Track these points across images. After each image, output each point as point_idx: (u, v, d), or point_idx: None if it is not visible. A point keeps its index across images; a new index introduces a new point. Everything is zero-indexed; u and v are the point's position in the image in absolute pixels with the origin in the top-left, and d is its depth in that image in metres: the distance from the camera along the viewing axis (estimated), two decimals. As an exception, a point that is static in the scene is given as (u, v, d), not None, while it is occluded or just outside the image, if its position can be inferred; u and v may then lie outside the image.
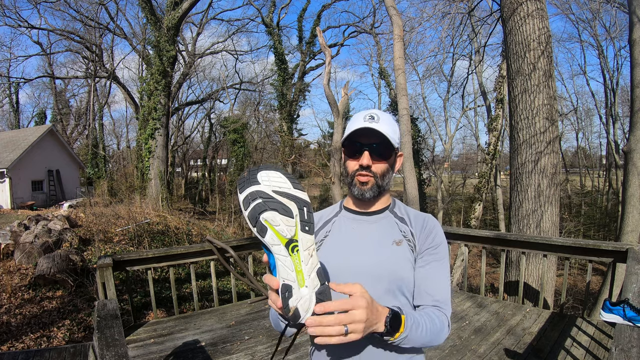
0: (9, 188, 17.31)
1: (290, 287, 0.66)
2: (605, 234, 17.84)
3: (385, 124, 0.99)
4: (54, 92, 26.82)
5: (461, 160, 31.61)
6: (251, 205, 0.63)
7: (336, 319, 0.69)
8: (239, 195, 0.66)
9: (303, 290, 0.67)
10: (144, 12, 15.89)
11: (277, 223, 0.63)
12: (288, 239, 0.65)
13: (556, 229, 4.83)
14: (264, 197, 0.63)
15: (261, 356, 3.01)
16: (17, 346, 5.20)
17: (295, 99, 22.75)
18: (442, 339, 0.94)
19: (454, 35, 12.80)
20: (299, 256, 0.66)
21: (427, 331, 0.88)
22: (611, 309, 2.16)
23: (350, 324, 0.70)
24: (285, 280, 0.66)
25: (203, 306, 5.50)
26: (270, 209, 0.63)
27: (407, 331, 0.82)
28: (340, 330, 0.69)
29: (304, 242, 0.66)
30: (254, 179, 0.66)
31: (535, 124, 4.76)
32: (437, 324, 0.92)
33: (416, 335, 0.85)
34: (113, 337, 1.92)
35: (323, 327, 0.68)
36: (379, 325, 0.78)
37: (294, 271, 0.66)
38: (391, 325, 0.79)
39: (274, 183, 0.67)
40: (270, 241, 0.64)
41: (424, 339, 0.87)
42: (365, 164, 0.99)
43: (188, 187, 31.45)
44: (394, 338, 0.81)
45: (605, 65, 18.29)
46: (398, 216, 1.07)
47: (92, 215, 10.55)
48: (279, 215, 0.63)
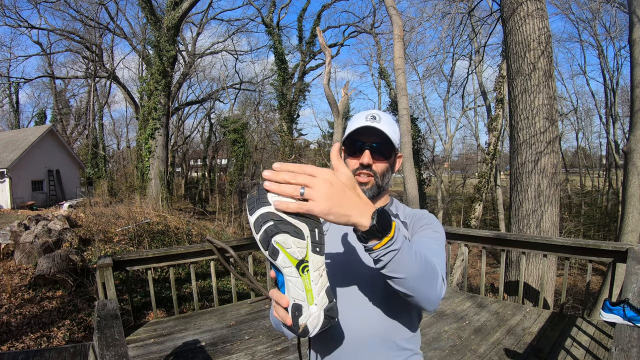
0: (9, 188, 17.31)
1: (300, 307, 0.67)
2: (605, 234, 17.84)
3: (387, 124, 1.00)
4: (54, 92, 26.83)
5: (461, 160, 31.62)
6: (262, 229, 0.62)
7: (293, 175, 0.63)
8: (250, 216, 0.64)
9: (312, 308, 0.67)
10: (144, 12, 15.89)
11: (289, 245, 0.63)
12: (299, 260, 0.65)
13: (556, 229, 4.83)
14: (275, 220, 0.62)
15: (261, 356, 3.01)
16: (17, 346, 5.20)
17: (295, 99, 22.74)
18: (437, 287, 0.78)
19: (454, 35, 12.81)
20: (309, 276, 0.66)
21: (423, 260, 0.75)
22: (611, 309, 2.16)
23: (308, 187, 0.62)
24: (295, 300, 0.67)
25: (203, 306, 5.50)
26: (282, 231, 0.62)
27: (396, 236, 0.69)
28: (295, 189, 0.62)
29: (315, 263, 0.66)
30: (265, 199, 0.64)
31: (535, 124, 4.76)
32: (431, 263, 0.78)
33: (409, 256, 0.72)
34: (113, 337, 1.92)
35: (278, 185, 0.62)
36: (362, 218, 0.66)
37: (304, 291, 0.66)
38: (379, 221, 0.66)
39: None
40: (282, 264, 0.64)
41: (418, 268, 0.73)
42: (366, 163, 0.99)
43: (188, 187, 31.45)
44: (381, 243, 0.68)
45: (605, 65, 18.31)
46: (393, 213, 1.08)
47: (92, 215, 10.55)
48: (290, 238, 0.63)
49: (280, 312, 0.70)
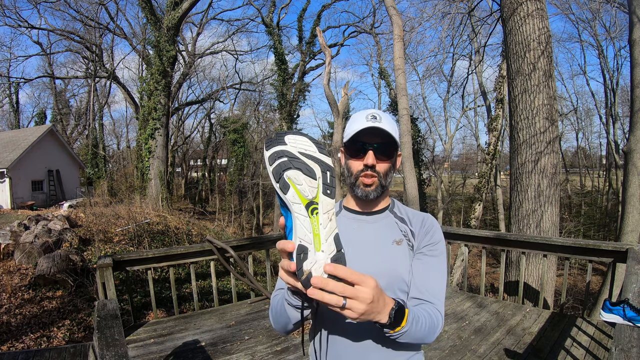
0: (9, 188, 17.31)
1: (306, 249, 0.65)
2: (605, 234, 17.84)
3: (388, 123, 1.00)
4: (54, 92, 26.83)
5: (461, 160, 31.62)
6: (276, 162, 0.64)
7: (342, 287, 0.66)
8: (265, 152, 0.67)
9: (319, 254, 0.66)
10: (144, 12, 15.89)
11: (300, 182, 0.64)
12: (309, 200, 0.65)
13: (556, 229, 4.83)
14: (289, 156, 0.65)
15: (261, 356, 3.01)
16: (17, 346, 5.20)
17: (295, 99, 22.73)
18: (435, 336, 0.93)
19: (454, 35, 12.80)
20: (317, 219, 0.66)
21: (426, 327, 0.88)
22: (611, 309, 2.16)
23: (352, 299, 0.68)
24: (301, 241, 0.65)
25: (203, 306, 5.50)
26: (295, 167, 0.64)
27: (407, 325, 0.82)
28: (338, 300, 0.66)
29: (325, 205, 0.67)
30: (281, 139, 0.67)
31: (535, 124, 4.76)
32: (434, 320, 0.91)
33: (415, 330, 0.84)
34: (113, 337, 1.92)
35: (323, 293, 0.66)
36: (382, 316, 0.76)
37: (312, 233, 0.66)
38: (395, 318, 0.78)
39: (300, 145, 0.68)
40: (292, 199, 0.64)
41: (420, 334, 0.87)
42: (370, 164, 0.99)
43: (188, 187, 31.46)
44: (394, 331, 0.80)
45: (605, 65, 18.31)
46: (398, 216, 1.08)
47: (92, 215, 10.55)
48: (302, 175, 0.64)
49: (284, 263, 0.69)
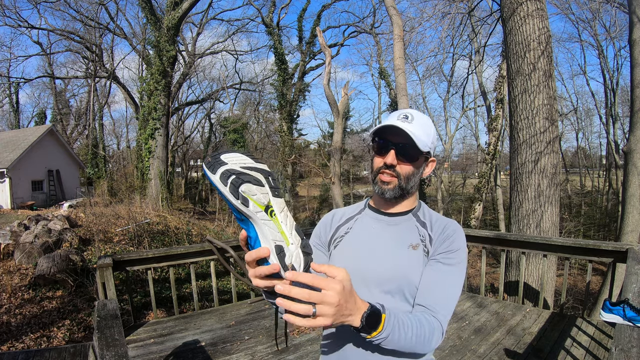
0: (9, 188, 17.31)
1: (282, 248, 0.71)
2: (605, 234, 17.83)
3: (418, 125, 0.97)
4: (54, 92, 26.83)
5: (461, 160, 31.60)
6: (229, 182, 0.69)
7: (308, 293, 0.67)
8: (212, 176, 0.71)
9: (291, 247, 0.72)
10: (144, 12, 15.89)
11: (254, 193, 0.70)
12: (265, 205, 0.71)
13: (556, 229, 4.83)
14: (235, 173, 0.70)
15: (261, 356, 3.01)
16: (17, 346, 5.20)
17: (295, 99, 22.75)
18: (430, 347, 0.87)
19: (454, 35, 12.80)
20: (277, 218, 0.72)
21: (413, 335, 0.83)
22: (611, 309, 2.16)
23: (319, 304, 0.67)
24: (276, 242, 0.71)
25: (203, 306, 5.50)
26: (245, 181, 0.70)
27: (387, 331, 0.78)
28: (308, 309, 0.67)
29: (278, 205, 0.73)
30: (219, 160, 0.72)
31: (535, 124, 4.76)
32: (425, 330, 0.85)
33: (399, 337, 0.80)
34: (113, 337, 1.92)
35: (291, 302, 0.67)
36: (354, 319, 0.74)
37: (279, 232, 0.72)
38: (367, 322, 0.75)
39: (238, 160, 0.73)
40: (254, 209, 0.70)
41: (408, 343, 0.82)
42: (389, 163, 0.97)
43: (188, 187, 31.44)
44: (370, 336, 0.78)
45: (605, 65, 18.30)
46: (420, 220, 1.05)
47: (92, 215, 10.55)
48: (253, 186, 0.70)
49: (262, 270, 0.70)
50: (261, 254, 0.70)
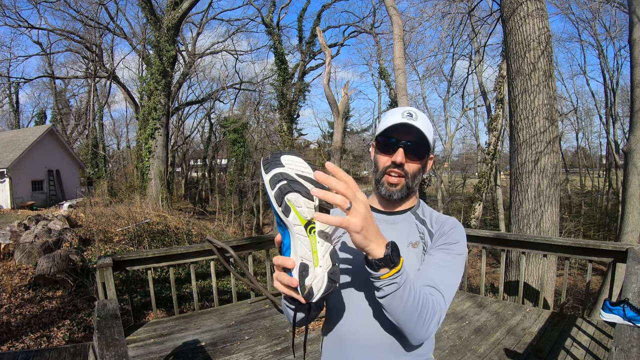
0: (9, 188, 17.31)
1: (307, 267, 0.69)
2: (605, 234, 17.83)
3: (423, 122, 0.96)
4: (54, 92, 26.82)
5: (461, 160, 31.60)
6: (277, 186, 0.66)
7: (344, 187, 0.66)
8: (265, 175, 0.69)
9: (317, 269, 0.69)
10: (144, 12, 15.89)
11: (300, 205, 0.66)
12: (307, 220, 0.68)
13: (556, 229, 4.83)
14: (288, 179, 0.67)
15: (261, 356, 3.01)
16: (17, 346, 5.20)
17: (295, 99, 22.73)
18: (430, 327, 0.81)
19: (454, 35, 12.79)
20: (315, 237, 0.69)
21: (420, 300, 0.78)
22: (611, 309, 2.16)
23: (353, 202, 0.66)
24: (303, 259, 0.69)
25: (203, 306, 5.50)
26: (295, 190, 0.66)
27: (403, 276, 0.74)
28: (343, 201, 0.65)
29: (322, 225, 0.70)
30: (278, 160, 0.69)
31: (535, 124, 4.76)
32: (429, 302, 0.81)
33: (408, 295, 0.75)
34: (113, 337, 1.92)
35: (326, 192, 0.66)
36: (376, 247, 0.70)
37: (311, 251, 0.69)
38: (393, 251, 0.71)
39: (297, 166, 0.70)
40: (293, 221, 0.67)
41: (414, 307, 0.77)
42: (399, 161, 0.95)
43: (188, 187, 31.44)
44: (389, 274, 0.72)
45: (605, 65, 18.29)
46: (419, 217, 1.04)
47: (92, 215, 10.55)
48: (301, 198, 0.66)
49: (282, 277, 0.70)
50: (286, 264, 0.69)
